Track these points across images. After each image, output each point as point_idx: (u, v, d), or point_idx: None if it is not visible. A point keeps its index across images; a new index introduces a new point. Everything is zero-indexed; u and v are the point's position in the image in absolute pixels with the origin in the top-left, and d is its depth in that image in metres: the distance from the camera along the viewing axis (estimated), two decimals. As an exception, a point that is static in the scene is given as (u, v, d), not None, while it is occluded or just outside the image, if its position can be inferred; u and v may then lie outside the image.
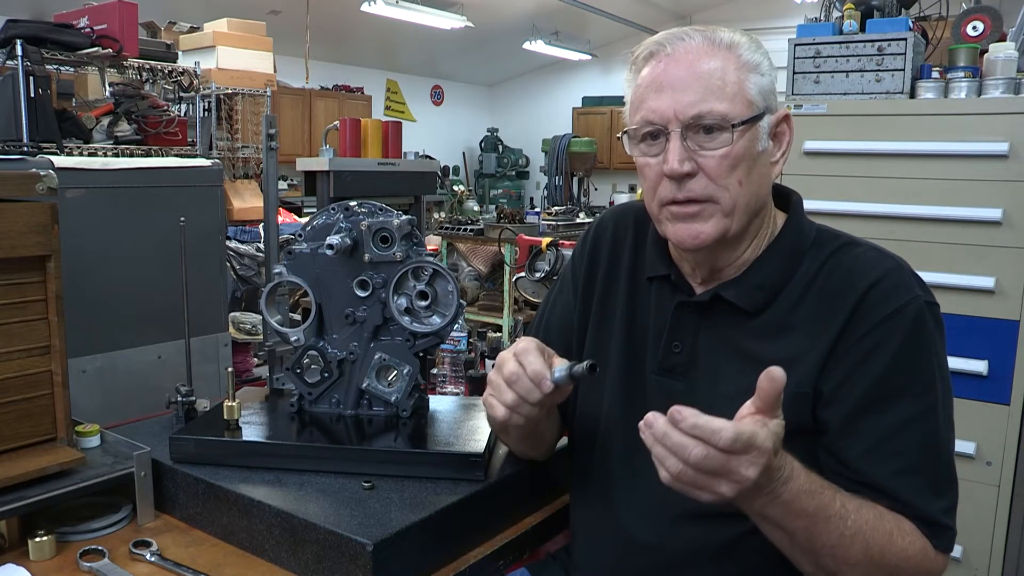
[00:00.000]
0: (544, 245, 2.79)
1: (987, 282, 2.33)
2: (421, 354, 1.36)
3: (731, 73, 0.98)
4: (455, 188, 9.59)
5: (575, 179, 8.74)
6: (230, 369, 1.44)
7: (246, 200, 4.79)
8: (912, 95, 2.53)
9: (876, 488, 0.96)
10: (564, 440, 1.28)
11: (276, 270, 1.39)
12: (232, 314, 2.71)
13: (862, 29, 2.61)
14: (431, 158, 4.31)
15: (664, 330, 1.10)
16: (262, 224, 2.74)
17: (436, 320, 1.34)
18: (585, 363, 0.96)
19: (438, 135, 10.53)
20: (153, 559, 1.10)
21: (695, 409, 0.80)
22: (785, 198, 1.12)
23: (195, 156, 3.17)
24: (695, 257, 1.07)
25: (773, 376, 0.82)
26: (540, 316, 1.29)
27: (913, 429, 0.96)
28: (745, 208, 1.01)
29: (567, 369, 0.97)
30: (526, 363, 0.97)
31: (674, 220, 1.02)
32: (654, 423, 0.81)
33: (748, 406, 0.84)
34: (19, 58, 2.78)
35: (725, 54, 0.99)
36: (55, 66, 3.25)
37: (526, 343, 1.01)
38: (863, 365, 0.97)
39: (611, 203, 9.39)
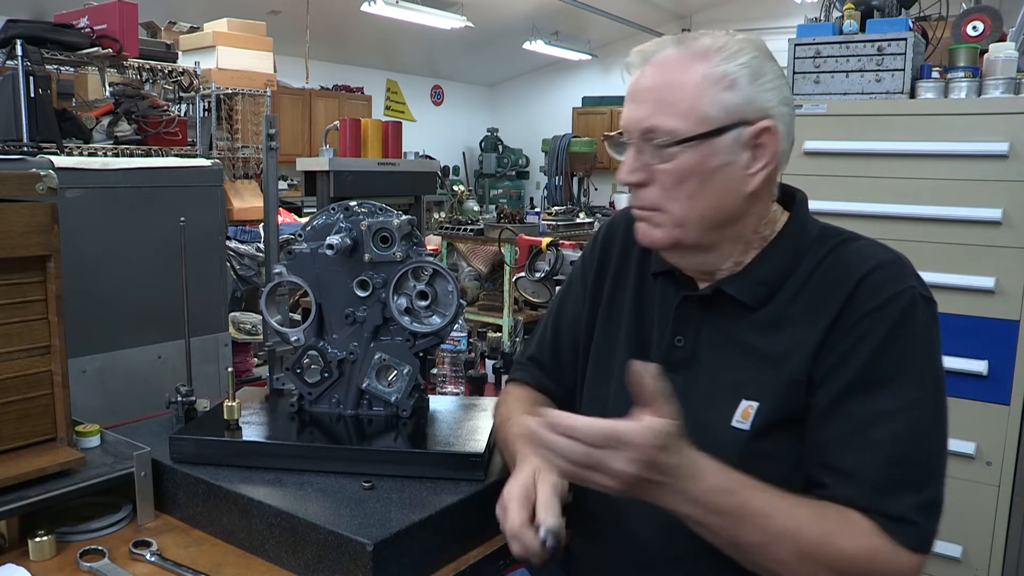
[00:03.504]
0: (544, 245, 2.78)
1: (987, 282, 2.33)
2: (421, 354, 1.36)
3: (690, 87, 0.98)
4: (455, 188, 9.59)
5: (575, 179, 8.75)
6: (230, 369, 1.44)
7: (246, 200, 4.79)
8: (912, 95, 2.53)
9: (842, 474, 0.95)
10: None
11: (276, 270, 1.39)
12: (232, 314, 2.71)
13: (862, 29, 2.61)
14: (431, 158, 4.30)
15: (668, 324, 1.11)
16: (262, 224, 2.74)
17: (436, 320, 1.34)
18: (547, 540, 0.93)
19: (438, 135, 10.53)
20: (153, 559, 1.10)
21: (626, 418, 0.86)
22: (791, 197, 1.12)
23: (195, 156, 3.16)
24: (671, 259, 1.10)
25: (639, 371, 0.86)
26: (550, 314, 1.31)
27: (891, 420, 0.95)
28: (699, 221, 1.02)
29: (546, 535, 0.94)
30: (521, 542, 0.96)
31: (637, 220, 1.07)
32: (532, 426, 0.89)
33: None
34: (19, 58, 2.78)
35: (692, 67, 0.99)
36: (55, 66, 3.25)
37: (511, 517, 0.97)
38: (851, 353, 0.98)
39: (611, 203, 9.39)
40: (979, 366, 2.33)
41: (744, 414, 1.01)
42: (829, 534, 0.91)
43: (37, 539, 1.10)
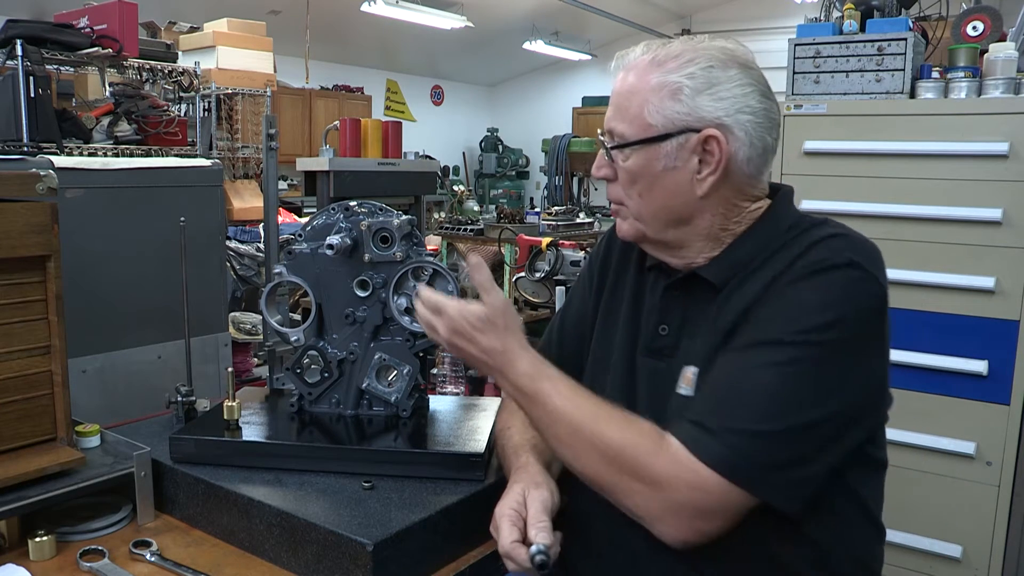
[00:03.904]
0: (544, 245, 2.79)
1: (987, 282, 2.32)
2: (421, 354, 1.36)
3: (637, 95, 1.05)
4: (455, 188, 9.58)
5: (575, 179, 8.74)
6: (230, 369, 1.44)
7: (246, 200, 4.78)
8: (912, 95, 2.53)
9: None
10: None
11: (276, 270, 1.39)
12: (232, 314, 2.72)
13: (862, 29, 2.61)
14: (431, 158, 4.30)
15: (654, 313, 1.14)
16: (262, 224, 2.74)
17: (436, 320, 1.34)
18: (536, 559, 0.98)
19: (438, 135, 10.52)
20: (153, 559, 1.10)
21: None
22: (778, 192, 1.15)
23: (195, 156, 3.16)
24: (650, 252, 1.15)
25: (472, 265, 1.10)
26: (557, 314, 1.36)
27: (743, 359, 0.98)
28: (653, 218, 1.08)
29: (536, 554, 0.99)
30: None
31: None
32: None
33: None
34: (19, 58, 2.77)
35: (649, 74, 1.05)
36: (55, 66, 3.24)
37: (503, 536, 1.02)
38: (760, 307, 1.01)
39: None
40: (979, 366, 2.33)
41: (687, 380, 1.05)
42: (599, 421, 1.01)
43: (37, 539, 1.10)
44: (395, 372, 1.35)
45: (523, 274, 2.88)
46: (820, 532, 1.02)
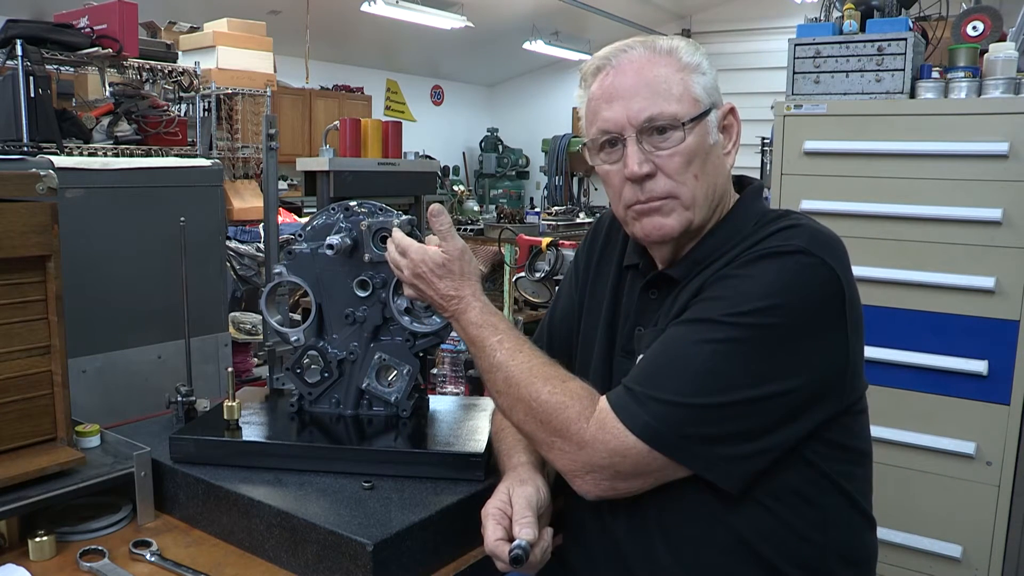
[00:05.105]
0: (544, 245, 2.79)
1: (987, 282, 2.32)
2: (421, 354, 1.36)
3: (674, 76, 1.05)
4: (455, 188, 9.58)
5: (575, 179, 8.75)
6: (230, 369, 1.44)
7: (246, 200, 4.78)
8: (912, 95, 2.53)
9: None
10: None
11: (276, 270, 1.39)
12: (232, 314, 2.72)
13: (862, 29, 2.61)
14: (431, 158, 4.30)
15: (631, 315, 1.15)
16: (262, 224, 2.74)
17: (436, 320, 1.34)
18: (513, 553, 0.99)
19: (438, 135, 10.52)
20: (153, 559, 1.10)
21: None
22: (746, 185, 1.17)
23: (195, 156, 3.15)
24: (664, 252, 1.13)
25: (432, 212, 1.15)
26: (547, 313, 1.37)
27: (680, 334, 1.00)
28: (705, 199, 1.07)
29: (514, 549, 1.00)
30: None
31: (640, 217, 1.09)
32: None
33: None
34: (19, 58, 2.77)
35: (666, 60, 1.06)
36: (55, 66, 3.24)
37: (487, 535, 1.03)
38: (709, 289, 1.03)
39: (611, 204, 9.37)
40: (979, 366, 2.33)
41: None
42: (534, 378, 1.04)
43: (37, 539, 1.10)
44: (395, 372, 1.35)
45: (523, 274, 2.88)
46: (805, 525, 1.02)
